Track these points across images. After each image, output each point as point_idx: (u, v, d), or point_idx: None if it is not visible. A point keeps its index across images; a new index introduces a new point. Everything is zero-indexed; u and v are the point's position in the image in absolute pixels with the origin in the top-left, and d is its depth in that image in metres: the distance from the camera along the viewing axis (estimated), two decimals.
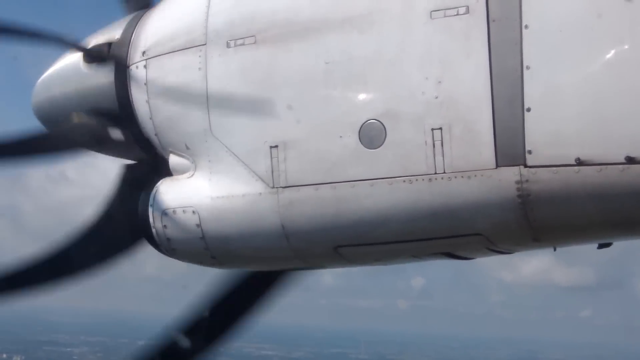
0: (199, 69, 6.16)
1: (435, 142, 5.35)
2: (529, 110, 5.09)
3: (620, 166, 4.92)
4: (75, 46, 7.00)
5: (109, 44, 6.81)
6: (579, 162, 5.00)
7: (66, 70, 7.13)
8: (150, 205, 6.39)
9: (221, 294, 7.05)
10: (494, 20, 5.25)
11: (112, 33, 6.93)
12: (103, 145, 7.04)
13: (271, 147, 5.86)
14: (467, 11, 5.31)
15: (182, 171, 6.39)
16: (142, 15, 6.81)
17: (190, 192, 6.27)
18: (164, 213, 6.34)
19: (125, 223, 6.68)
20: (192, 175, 6.31)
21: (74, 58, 7.08)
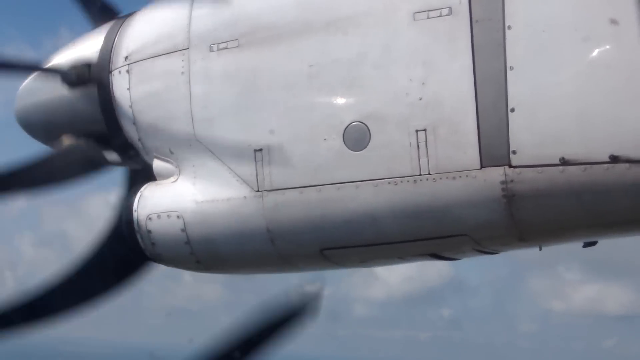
0: (182, 73, 6.14)
1: (420, 144, 5.35)
2: (513, 110, 5.11)
3: (605, 165, 4.94)
4: (53, 71, 6.88)
5: (89, 66, 6.72)
6: (564, 162, 5.01)
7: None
8: (135, 210, 6.35)
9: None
10: (477, 22, 5.26)
11: (84, 48, 6.89)
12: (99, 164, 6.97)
13: (255, 150, 5.85)
14: (450, 12, 5.33)
15: (166, 176, 6.36)
16: (124, 21, 6.78)
17: (174, 197, 6.23)
18: (149, 218, 6.30)
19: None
20: (177, 180, 6.28)
21: (52, 67, 7.02)
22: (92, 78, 6.69)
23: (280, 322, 6.33)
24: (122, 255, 6.62)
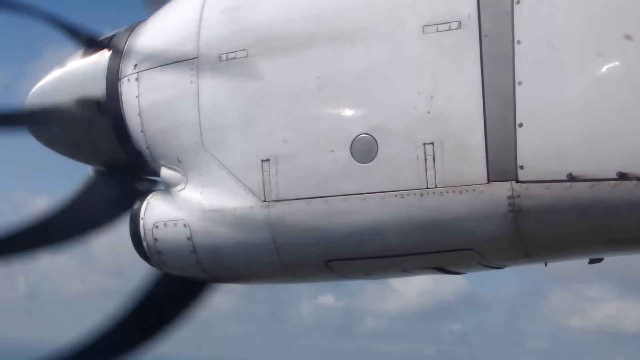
0: (191, 82, 6.14)
1: (427, 157, 5.35)
2: (521, 125, 5.10)
3: (612, 182, 4.93)
4: (83, 35, 6.94)
5: (98, 103, 6.77)
6: (571, 178, 5.00)
7: (58, 81, 7.12)
8: (142, 218, 6.37)
9: (141, 299, 6.87)
10: (486, 36, 5.26)
11: (79, 79, 6.97)
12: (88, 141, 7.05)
13: (263, 160, 5.85)
14: (460, 26, 5.33)
15: (174, 184, 6.36)
16: (134, 28, 6.81)
17: (181, 205, 6.24)
18: (155, 226, 6.31)
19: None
20: (184, 189, 6.28)
21: (64, 71, 7.09)
22: (104, 114, 6.74)
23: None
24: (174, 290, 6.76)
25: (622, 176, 4.89)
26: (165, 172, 6.44)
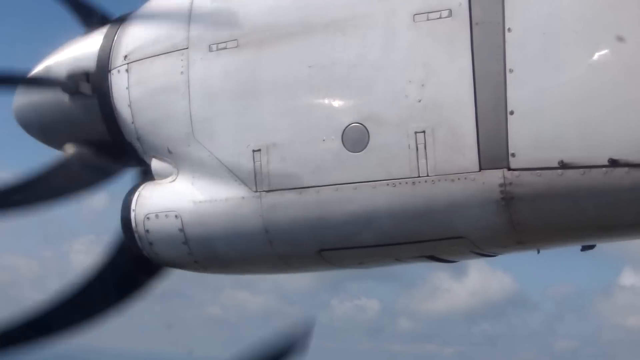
0: (181, 72, 6.13)
1: (419, 146, 5.35)
2: (512, 113, 5.11)
3: (604, 169, 4.94)
4: (50, 83, 6.87)
5: (87, 74, 6.70)
6: (562, 165, 5.01)
7: (59, 61, 7.04)
8: (133, 210, 6.35)
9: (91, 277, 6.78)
10: (477, 24, 5.26)
11: (78, 54, 6.89)
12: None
13: (254, 151, 5.84)
14: (450, 15, 5.32)
15: (165, 175, 6.36)
16: (124, 19, 6.78)
17: (172, 197, 6.24)
18: (147, 217, 6.29)
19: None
20: (175, 180, 6.28)
21: (66, 51, 7.03)
22: (91, 86, 6.67)
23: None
24: (130, 267, 6.64)
25: (614, 163, 4.90)
26: (156, 164, 6.43)
